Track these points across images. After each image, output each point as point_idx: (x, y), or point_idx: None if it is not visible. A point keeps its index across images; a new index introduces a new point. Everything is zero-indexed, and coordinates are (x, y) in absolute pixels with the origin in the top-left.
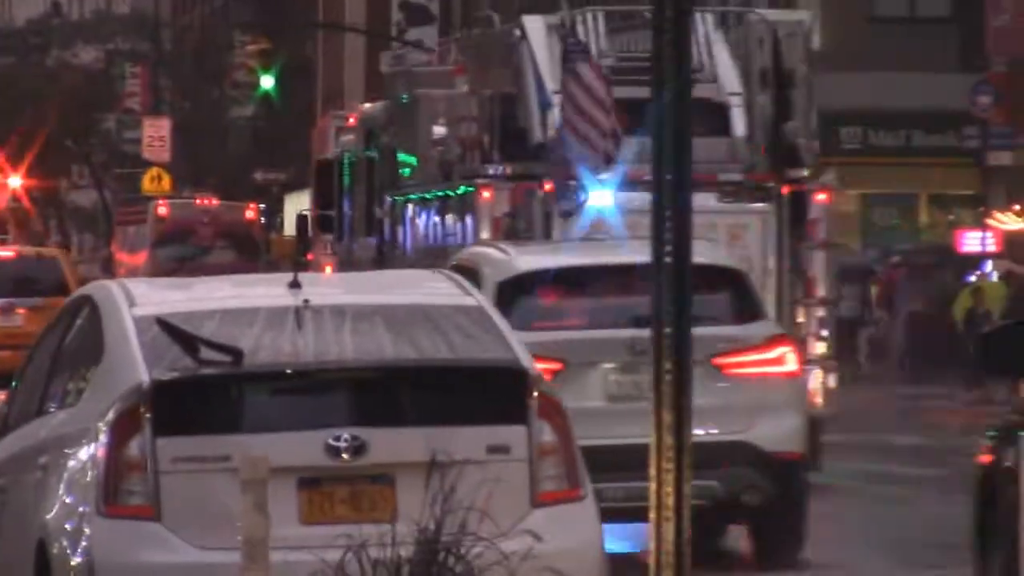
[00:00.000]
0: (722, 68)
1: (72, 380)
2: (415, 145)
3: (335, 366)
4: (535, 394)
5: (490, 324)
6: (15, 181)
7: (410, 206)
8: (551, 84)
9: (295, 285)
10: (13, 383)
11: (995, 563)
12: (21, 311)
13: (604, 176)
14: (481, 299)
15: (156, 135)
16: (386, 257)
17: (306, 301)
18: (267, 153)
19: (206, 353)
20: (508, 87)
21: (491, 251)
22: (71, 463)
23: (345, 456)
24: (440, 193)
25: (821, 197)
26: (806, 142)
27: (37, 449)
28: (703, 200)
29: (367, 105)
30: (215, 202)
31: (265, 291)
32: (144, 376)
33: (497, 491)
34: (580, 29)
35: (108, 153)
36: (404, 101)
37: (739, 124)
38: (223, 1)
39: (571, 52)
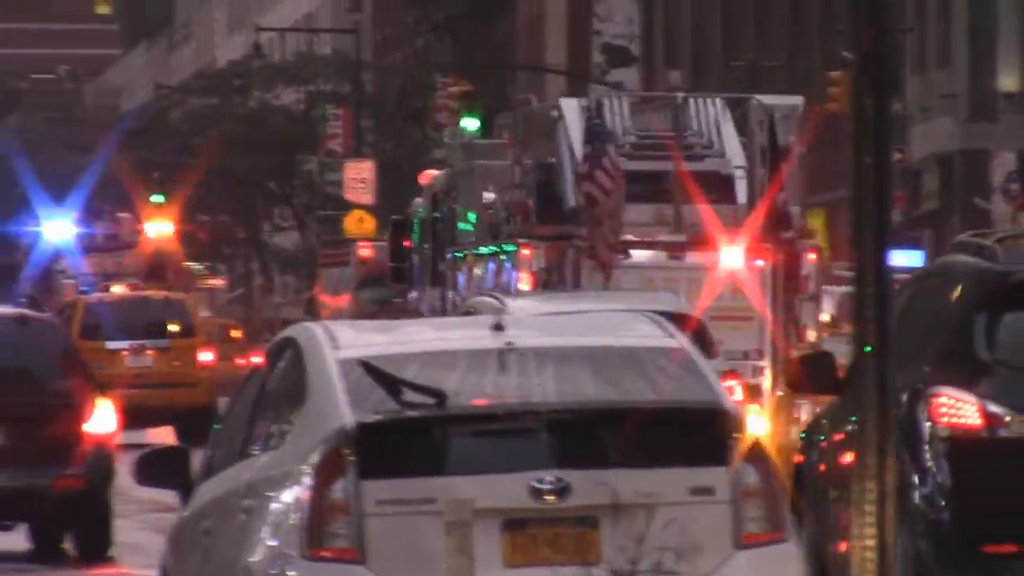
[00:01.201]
0: (728, 145)
1: (275, 423)
2: (470, 208)
3: (538, 408)
4: (737, 435)
5: (692, 365)
6: (167, 227)
7: (466, 261)
8: (580, 157)
9: (498, 328)
10: (216, 426)
11: (803, 541)
12: (150, 352)
13: (623, 237)
14: (683, 341)
15: (358, 177)
16: (447, 306)
17: (509, 344)
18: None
19: (410, 395)
20: (548, 158)
21: (488, 299)
22: (275, 506)
23: (549, 498)
24: (489, 250)
25: (811, 256)
26: (798, 209)
27: (241, 492)
28: (709, 257)
29: (435, 172)
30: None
31: (468, 334)
32: (348, 419)
33: (700, 533)
34: (606, 110)
35: (310, 195)
36: (463, 171)
37: (742, 193)
38: (424, 43)
39: (594, 132)
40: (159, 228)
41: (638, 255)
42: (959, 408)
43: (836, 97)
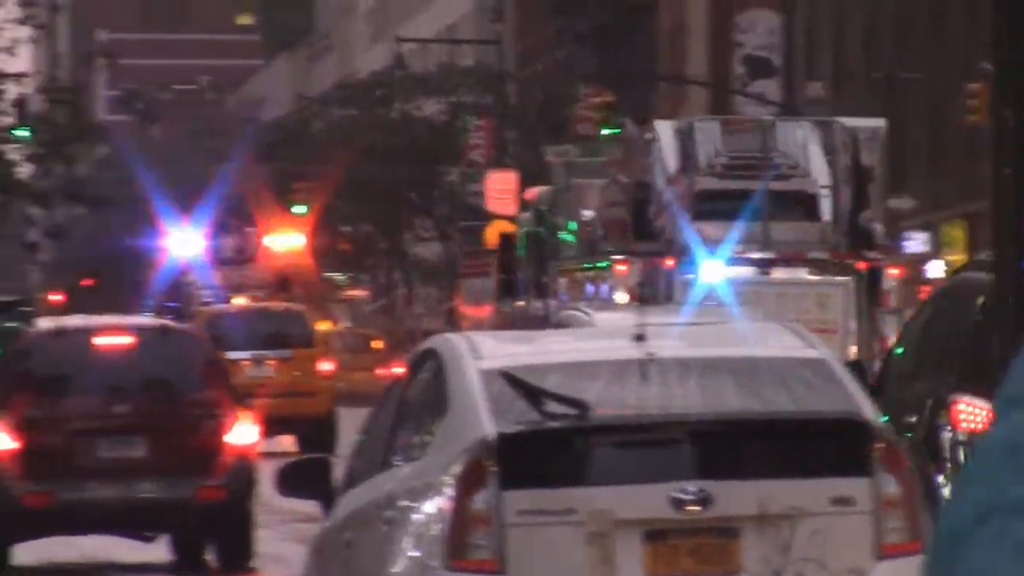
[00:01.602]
0: (814, 165)
1: (417, 433)
2: (571, 225)
3: (680, 419)
4: (879, 445)
5: (833, 376)
6: (296, 239)
7: (568, 275)
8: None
9: (639, 338)
10: (359, 437)
11: None
12: (271, 362)
13: (714, 254)
14: (825, 352)
15: (501, 187)
16: (549, 318)
17: (650, 354)
18: None
19: (551, 406)
20: (644, 177)
21: (577, 313)
22: (416, 517)
23: (691, 509)
24: (588, 265)
25: (894, 272)
26: (880, 227)
27: (382, 503)
28: (796, 273)
29: (539, 188)
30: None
31: (609, 344)
32: (490, 429)
33: (840, 544)
34: (699, 133)
35: (451, 206)
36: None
37: (826, 211)
38: (567, 53)
39: (685, 155)
40: (287, 240)
41: (730, 271)
42: (976, 414)
43: (975, 109)
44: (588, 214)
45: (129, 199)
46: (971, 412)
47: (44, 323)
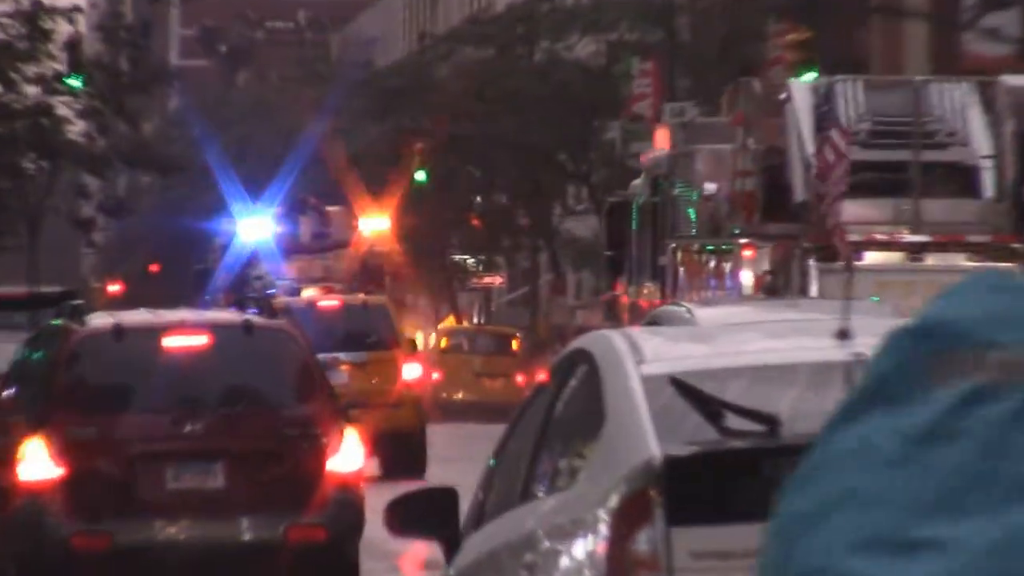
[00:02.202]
0: (974, 132)
1: (564, 457)
2: (691, 197)
3: None
4: None
5: None
6: (380, 223)
7: (687, 256)
8: (810, 147)
9: (844, 335)
10: (491, 461)
11: None
12: (345, 367)
13: (855, 237)
14: None
15: None
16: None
17: (858, 355)
18: None
19: (733, 421)
20: (777, 141)
21: (675, 309)
22: (564, 562)
23: None
24: (711, 247)
25: None
26: None
27: (521, 545)
28: (952, 259)
29: (654, 152)
30: None
31: (806, 343)
32: (655, 451)
33: None
34: (839, 93)
35: (611, 170)
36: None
37: (989, 186)
38: None
39: (823, 120)
40: (375, 224)
41: (873, 257)
42: None
43: None
44: (711, 187)
45: (201, 167)
46: None
47: (99, 319)
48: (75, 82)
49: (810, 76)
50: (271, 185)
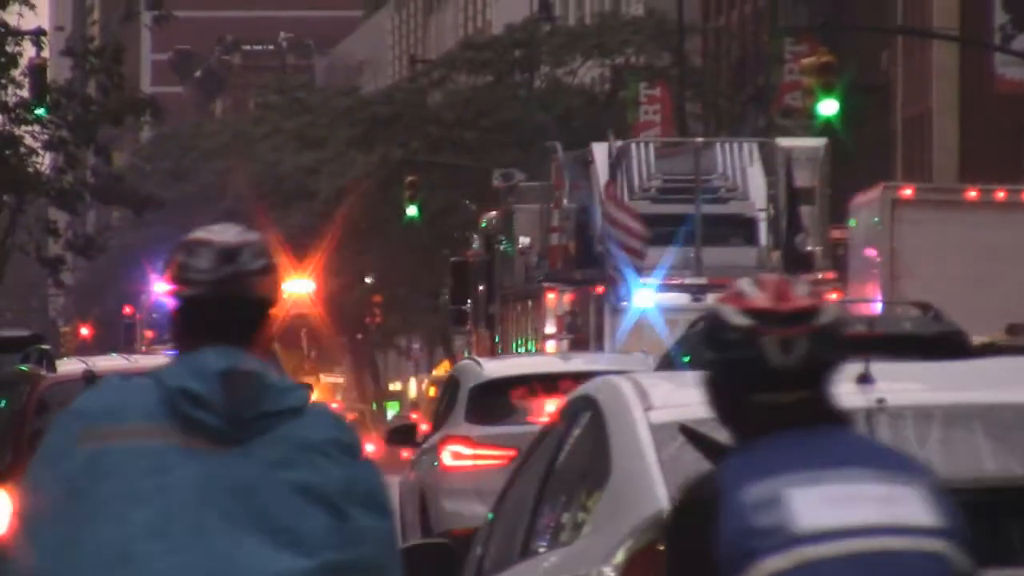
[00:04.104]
0: (753, 188)
1: (567, 509)
2: (511, 253)
3: None
4: None
5: None
6: (303, 284)
7: (508, 305)
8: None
9: (865, 380)
10: (490, 515)
11: None
12: None
13: (646, 280)
14: None
15: None
16: (496, 350)
17: (880, 400)
18: (835, 198)
19: None
20: (588, 202)
21: (470, 363)
22: None
23: None
24: (523, 295)
25: (832, 296)
26: (820, 249)
27: None
28: None
29: (490, 214)
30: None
31: None
32: (664, 503)
33: None
34: (633, 155)
35: None
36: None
37: (763, 235)
38: (768, 0)
39: (613, 174)
40: (295, 286)
41: (662, 297)
42: None
43: None
44: (525, 241)
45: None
46: None
47: (69, 365)
48: (40, 111)
49: (829, 103)
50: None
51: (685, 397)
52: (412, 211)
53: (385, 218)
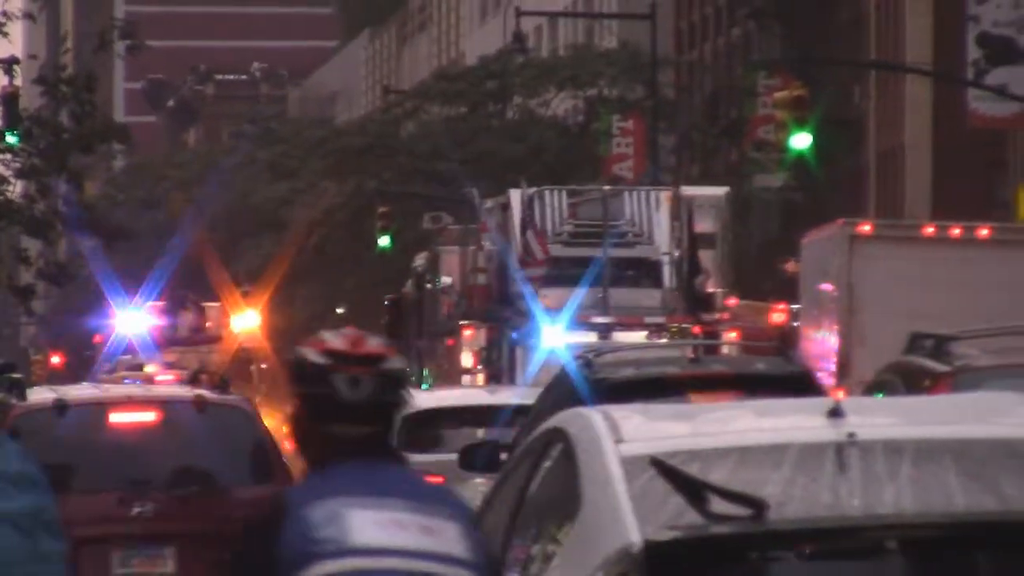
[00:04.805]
0: (658, 233)
1: (537, 543)
2: (437, 292)
3: (890, 522)
4: None
5: None
6: (251, 318)
7: (433, 341)
8: (518, 246)
9: (836, 414)
10: None
11: None
12: None
13: (555, 319)
14: None
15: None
16: (423, 383)
17: (851, 435)
18: (800, 235)
19: (718, 505)
20: (502, 244)
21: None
22: None
23: None
24: (445, 331)
25: (732, 335)
26: (722, 292)
27: None
28: (635, 338)
29: (420, 255)
30: (732, 300)
31: (796, 422)
32: (635, 536)
33: None
34: (547, 200)
35: None
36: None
37: (667, 277)
38: (742, 32)
39: (524, 220)
40: (245, 320)
41: (570, 336)
42: None
43: None
44: (447, 280)
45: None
46: None
47: (40, 393)
48: (12, 139)
49: (802, 137)
50: (151, 278)
51: (656, 430)
52: (384, 241)
53: (358, 249)
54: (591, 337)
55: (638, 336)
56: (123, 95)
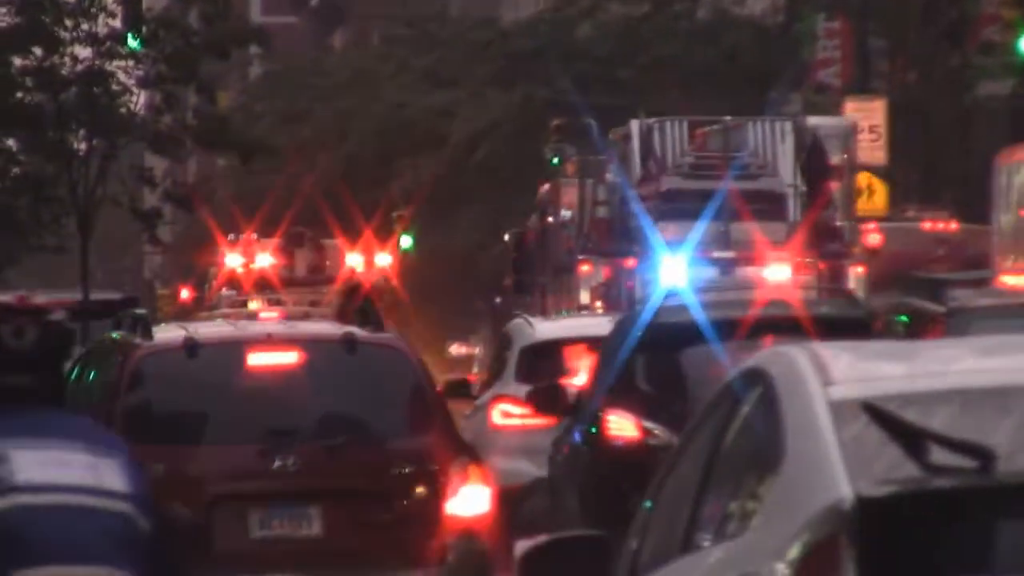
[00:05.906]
0: (783, 165)
1: (735, 498)
2: (557, 226)
3: None
4: None
5: None
6: (383, 259)
7: (554, 274)
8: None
9: None
10: (646, 503)
11: None
12: None
13: (676, 254)
14: None
15: (865, 124)
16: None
17: None
18: None
19: (939, 455)
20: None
21: (521, 322)
22: None
23: None
24: (566, 266)
25: (858, 270)
26: (848, 224)
27: None
28: (755, 272)
29: (544, 187)
30: (953, 225)
31: None
32: (845, 491)
33: None
34: (668, 132)
35: None
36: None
37: (792, 210)
38: None
39: (643, 152)
40: (377, 259)
41: (691, 271)
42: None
43: None
44: (566, 214)
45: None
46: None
47: (167, 332)
48: (134, 43)
49: None
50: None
51: (869, 370)
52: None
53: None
54: (711, 273)
55: (758, 270)
56: None
